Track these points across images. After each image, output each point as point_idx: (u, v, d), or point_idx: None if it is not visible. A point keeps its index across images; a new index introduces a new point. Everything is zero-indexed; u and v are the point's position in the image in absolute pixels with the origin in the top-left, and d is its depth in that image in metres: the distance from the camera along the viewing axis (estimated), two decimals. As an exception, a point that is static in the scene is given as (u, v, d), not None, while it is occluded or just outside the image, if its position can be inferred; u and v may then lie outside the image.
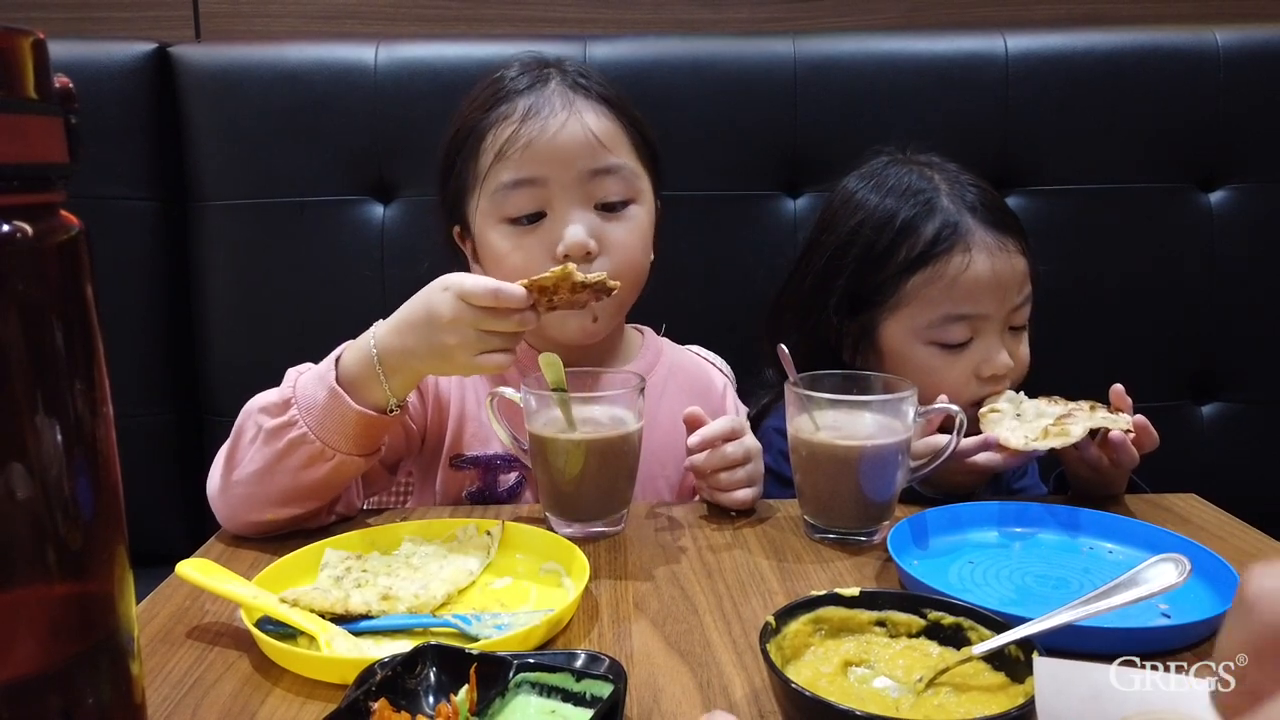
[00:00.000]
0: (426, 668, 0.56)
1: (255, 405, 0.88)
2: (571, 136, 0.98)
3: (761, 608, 0.73)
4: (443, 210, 1.10)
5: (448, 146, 1.06)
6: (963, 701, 0.54)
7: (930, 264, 0.98)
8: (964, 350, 0.99)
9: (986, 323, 0.99)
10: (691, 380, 1.14)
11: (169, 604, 0.75)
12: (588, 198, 1.00)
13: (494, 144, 1.00)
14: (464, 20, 1.62)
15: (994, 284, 0.97)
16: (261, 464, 0.85)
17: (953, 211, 0.99)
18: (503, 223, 1.01)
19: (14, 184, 0.36)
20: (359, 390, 0.86)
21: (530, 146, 0.98)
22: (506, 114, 1.00)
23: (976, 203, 1.00)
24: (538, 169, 0.98)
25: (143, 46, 1.39)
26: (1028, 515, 0.88)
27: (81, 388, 0.39)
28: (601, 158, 0.99)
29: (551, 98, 1.00)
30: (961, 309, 0.97)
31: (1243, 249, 1.44)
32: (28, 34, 0.36)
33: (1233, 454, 1.47)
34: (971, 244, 0.97)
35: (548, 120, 0.98)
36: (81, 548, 0.39)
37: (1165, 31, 1.45)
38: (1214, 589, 0.73)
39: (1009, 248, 0.99)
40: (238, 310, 1.42)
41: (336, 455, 0.85)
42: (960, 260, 0.97)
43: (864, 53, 1.43)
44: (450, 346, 0.83)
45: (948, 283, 0.97)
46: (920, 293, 0.99)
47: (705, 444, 0.90)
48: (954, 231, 0.98)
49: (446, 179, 1.07)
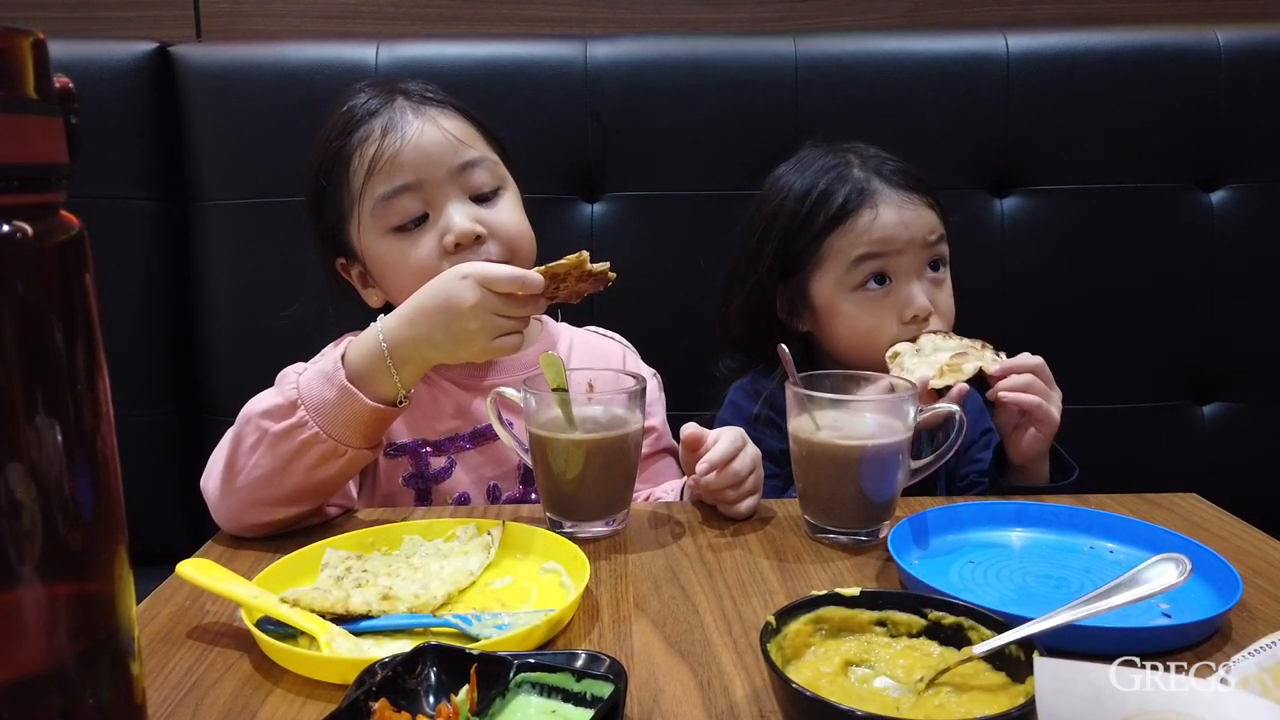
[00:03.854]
0: (427, 668, 0.56)
1: (254, 410, 0.88)
2: (432, 139, 1.05)
3: (762, 607, 0.73)
4: (320, 247, 1.14)
5: (314, 182, 1.10)
6: (963, 701, 0.54)
7: (844, 221, 1.08)
8: (885, 297, 1.08)
9: (900, 265, 1.08)
10: (592, 350, 1.21)
11: (169, 604, 0.75)
12: (462, 190, 1.06)
13: (362, 164, 1.05)
14: (464, 20, 1.62)
15: (901, 228, 1.07)
16: (270, 468, 0.86)
17: (862, 179, 1.10)
18: (389, 234, 1.06)
19: (14, 184, 0.36)
20: (368, 384, 0.88)
21: (397, 156, 1.04)
22: (366, 135, 1.06)
23: (884, 169, 1.11)
24: (409, 174, 1.04)
25: (143, 46, 1.39)
26: (1028, 515, 0.88)
27: (82, 388, 0.39)
28: (464, 152, 1.06)
29: (403, 112, 1.07)
30: (874, 250, 1.07)
31: (1243, 249, 1.44)
32: (28, 34, 0.36)
33: (1233, 454, 1.47)
34: (879, 201, 1.08)
35: (405, 130, 1.05)
36: (82, 548, 0.39)
37: (1166, 31, 1.45)
38: (1214, 589, 0.73)
39: (916, 202, 1.09)
40: (238, 310, 1.42)
41: (349, 451, 0.88)
42: (869, 215, 1.08)
43: (865, 52, 1.43)
44: (471, 331, 0.87)
45: (858, 233, 1.08)
46: (837, 247, 1.09)
47: (713, 467, 0.90)
48: (863, 192, 1.09)
49: (319, 213, 1.11)
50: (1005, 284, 1.45)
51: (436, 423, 1.09)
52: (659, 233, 1.44)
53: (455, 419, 1.10)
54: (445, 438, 1.09)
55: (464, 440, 1.09)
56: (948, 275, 1.12)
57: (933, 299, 1.09)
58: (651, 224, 1.44)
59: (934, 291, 1.09)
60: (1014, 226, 1.44)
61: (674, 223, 1.44)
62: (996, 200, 1.45)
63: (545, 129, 1.40)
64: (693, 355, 1.42)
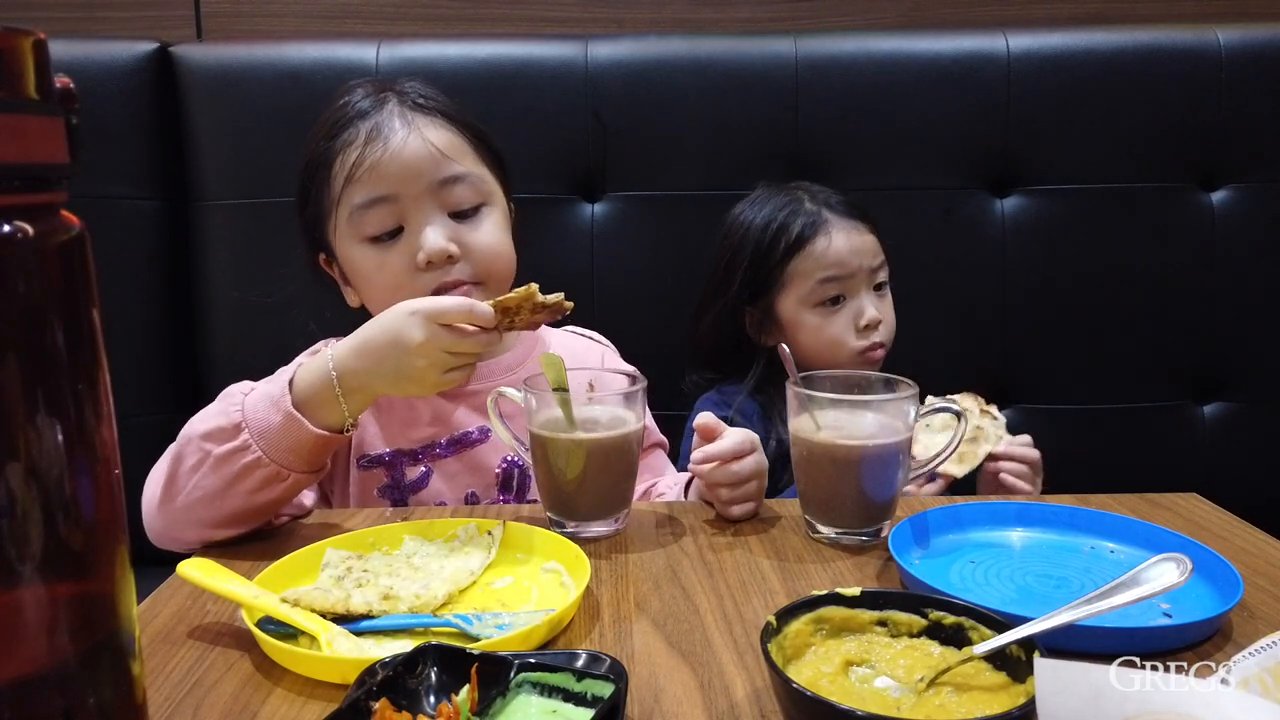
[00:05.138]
0: (427, 667, 0.56)
1: (196, 431, 0.87)
2: (414, 152, 1.03)
3: (763, 607, 0.73)
4: (304, 239, 1.13)
5: (301, 176, 1.10)
6: (964, 701, 0.54)
7: (803, 248, 1.24)
8: (840, 309, 1.25)
9: (853, 283, 1.24)
10: (570, 352, 1.19)
11: (170, 604, 0.75)
12: (440, 206, 1.05)
13: (342, 169, 1.04)
14: (465, 20, 1.62)
15: (851, 253, 1.24)
16: (211, 489, 0.85)
17: (814, 210, 1.26)
18: (363, 242, 1.05)
19: (15, 184, 0.36)
20: (315, 411, 0.87)
21: (376, 166, 1.02)
22: (350, 139, 1.04)
23: (831, 200, 1.27)
24: (387, 186, 1.03)
25: (144, 46, 1.39)
26: (1029, 515, 0.88)
27: (82, 387, 0.38)
28: (446, 167, 1.04)
29: (391, 118, 1.05)
30: (830, 273, 1.24)
31: (1244, 249, 1.44)
32: (29, 34, 0.36)
33: (1234, 453, 1.47)
34: (831, 229, 1.24)
35: (389, 139, 1.03)
36: (83, 548, 0.39)
37: (1166, 31, 1.45)
38: (1215, 589, 0.73)
39: (860, 229, 1.26)
40: (237, 310, 1.42)
41: (291, 475, 0.87)
42: (824, 241, 1.24)
43: (865, 52, 1.43)
44: (420, 369, 0.86)
45: (817, 258, 1.24)
46: (799, 270, 1.25)
47: (709, 459, 0.90)
48: (815, 222, 1.25)
49: (303, 208, 1.10)
50: (1005, 284, 1.45)
51: (412, 430, 1.08)
52: (659, 233, 1.44)
53: (432, 426, 1.09)
54: (422, 445, 1.08)
55: (441, 448, 1.08)
56: (889, 293, 1.29)
57: (879, 310, 1.26)
58: (651, 224, 1.44)
59: (880, 305, 1.27)
60: (1014, 226, 1.45)
61: (674, 223, 1.44)
62: (996, 200, 1.45)
63: (545, 129, 1.40)
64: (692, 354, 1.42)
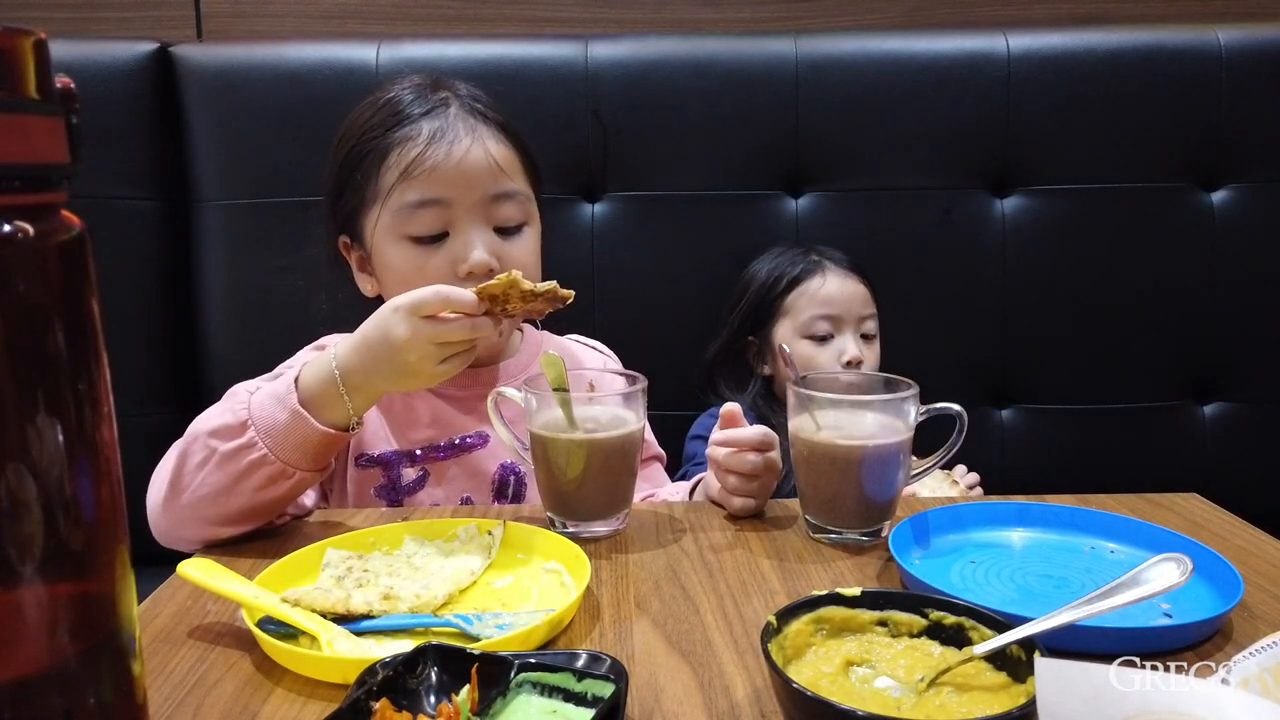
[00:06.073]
0: (428, 667, 0.56)
1: (203, 428, 0.87)
2: (476, 161, 1.04)
3: (763, 607, 0.73)
4: (332, 222, 1.13)
5: (343, 162, 1.09)
6: (964, 701, 0.54)
7: (801, 284, 1.38)
8: (829, 344, 1.36)
9: (842, 324, 1.37)
10: (572, 356, 1.21)
11: (170, 604, 0.75)
12: (488, 220, 1.05)
13: (398, 164, 1.03)
14: (465, 20, 1.62)
15: (843, 296, 1.37)
16: (217, 486, 0.85)
17: (815, 259, 1.40)
18: (404, 240, 1.05)
19: (15, 184, 0.36)
20: (320, 409, 0.87)
21: (436, 169, 1.02)
22: (411, 135, 1.04)
23: (834, 255, 1.40)
24: (443, 190, 1.03)
25: (144, 46, 1.39)
26: (1029, 515, 0.88)
27: (83, 388, 0.38)
28: (502, 183, 1.05)
29: (455, 122, 1.05)
30: (823, 310, 1.36)
31: (1244, 249, 1.44)
32: (29, 34, 0.36)
33: (1234, 454, 1.47)
34: (826, 271, 1.38)
35: (453, 145, 1.03)
36: (83, 548, 0.39)
37: (1167, 31, 1.45)
38: (1216, 589, 0.73)
39: (854, 277, 1.39)
40: (238, 310, 1.42)
41: (297, 473, 0.87)
42: (819, 280, 1.37)
43: (865, 52, 1.43)
44: (413, 364, 0.86)
45: (811, 295, 1.37)
46: (795, 305, 1.37)
47: (727, 443, 0.91)
48: (814, 265, 1.39)
49: (340, 193, 1.10)
50: (1005, 284, 1.45)
51: (411, 431, 1.08)
52: (659, 233, 1.44)
53: (431, 428, 1.09)
54: (420, 447, 1.08)
55: (440, 450, 1.08)
56: (877, 345, 1.40)
57: (863, 351, 1.37)
58: (651, 224, 1.44)
59: (864, 348, 1.38)
60: (1014, 226, 1.45)
61: (674, 223, 1.44)
62: (996, 200, 1.45)
63: (545, 129, 1.40)
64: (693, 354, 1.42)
